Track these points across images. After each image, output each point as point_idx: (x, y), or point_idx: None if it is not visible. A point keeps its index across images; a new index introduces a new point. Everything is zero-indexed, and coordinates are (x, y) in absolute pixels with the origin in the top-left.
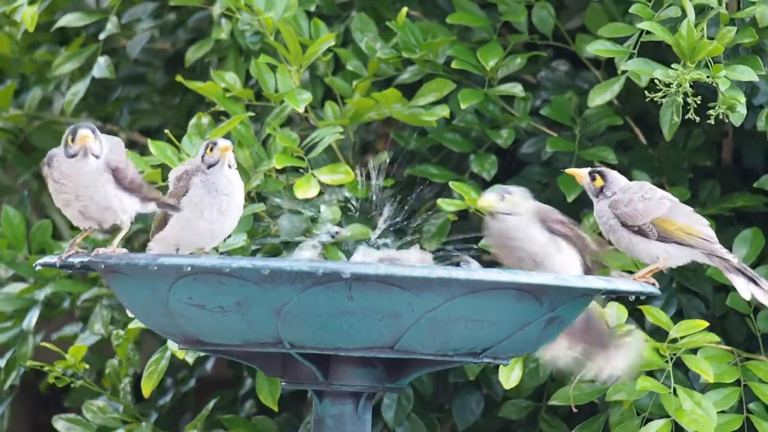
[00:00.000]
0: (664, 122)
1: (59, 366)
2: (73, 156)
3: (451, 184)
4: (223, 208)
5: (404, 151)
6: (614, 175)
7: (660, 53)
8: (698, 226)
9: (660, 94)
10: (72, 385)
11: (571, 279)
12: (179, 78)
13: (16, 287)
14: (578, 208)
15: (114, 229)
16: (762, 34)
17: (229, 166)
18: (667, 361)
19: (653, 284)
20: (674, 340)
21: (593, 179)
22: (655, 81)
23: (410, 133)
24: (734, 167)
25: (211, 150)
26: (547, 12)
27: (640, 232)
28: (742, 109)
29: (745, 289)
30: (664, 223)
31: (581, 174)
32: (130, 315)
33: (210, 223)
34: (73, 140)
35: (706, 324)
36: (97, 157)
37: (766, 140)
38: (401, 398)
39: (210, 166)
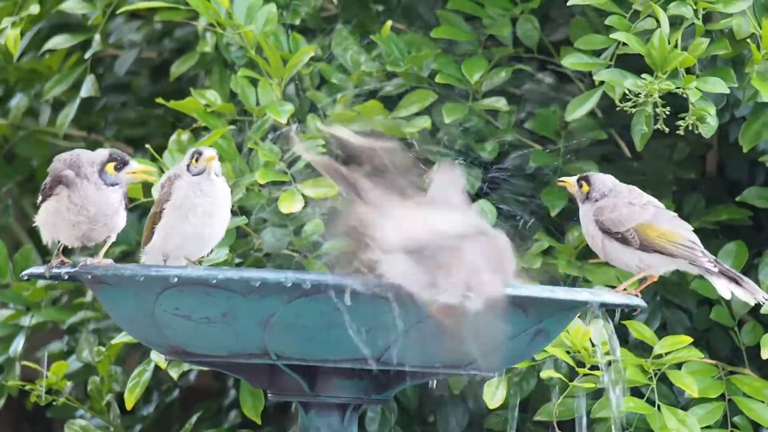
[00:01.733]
0: (635, 132)
1: (41, 384)
2: (197, 174)
3: None
4: (208, 210)
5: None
6: (600, 179)
7: (640, 66)
8: (681, 231)
9: (629, 104)
10: (54, 403)
11: (558, 291)
12: (159, 100)
13: (1, 314)
14: (564, 220)
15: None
16: (739, 47)
17: (216, 175)
18: (651, 378)
19: (637, 295)
20: (659, 356)
21: (580, 186)
22: (627, 92)
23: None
24: (719, 179)
25: (197, 160)
26: (532, 25)
27: (623, 239)
28: (712, 121)
29: (725, 289)
30: (646, 230)
31: (571, 182)
32: (116, 335)
33: (195, 227)
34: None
35: (690, 339)
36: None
37: (751, 152)
38: (385, 411)
39: (195, 176)
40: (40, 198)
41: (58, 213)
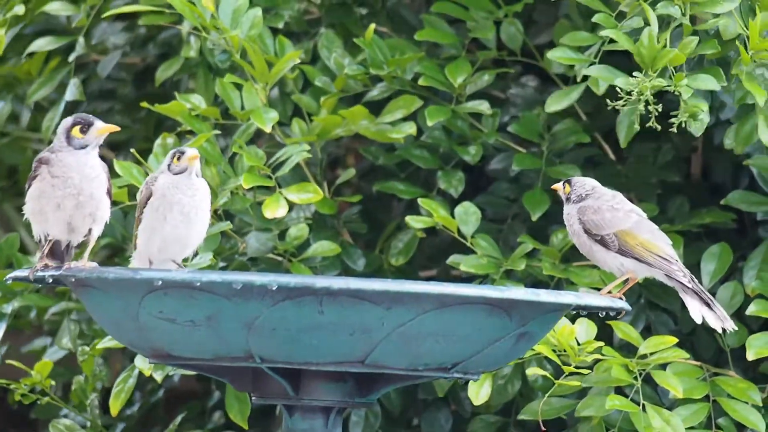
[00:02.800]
0: (621, 129)
1: (26, 383)
2: (178, 173)
3: (419, 201)
4: (186, 210)
5: (372, 166)
6: (579, 181)
7: (624, 65)
8: (660, 243)
9: (621, 102)
10: (38, 402)
11: (542, 294)
12: (144, 104)
13: None
14: (546, 224)
15: (77, 245)
16: (726, 47)
17: (197, 175)
18: (636, 378)
19: (620, 298)
20: (643, 356)
21: (564, 188)
22: (617, 89)
23: (378, 149)
24: (703, 182)
25: (179, 159)
26: (516, 28)
27: (602, 241)
28: (705, 117)
29: (697, 313)
30: (626, 237)
31: (559, 186)
32: (99, 329)
33: (174, 227)
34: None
35: (675, 340)
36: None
37: (735, 155)
38: (369, 415)
39: (177, 174)
40: (26, 187)
41: (42, 194)
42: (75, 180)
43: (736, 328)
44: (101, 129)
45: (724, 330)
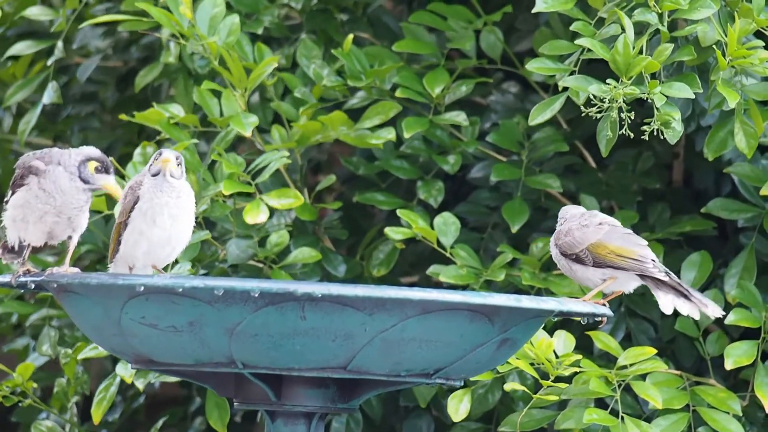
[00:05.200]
0: (601, 138)
1: (7, 385)
2: (155, 175)
3: (398, 212)
4: (174, 212)
5: (353, 173)
6: (562, 211)
7: (606, 73)
8: (632, 246)
9: (595, 109)
10: (20, 404)
11: (524, 300)
12: (123, 116)
13: None
14: (526, 234)
15: (52, 246)
16: (704, 54)
17: (174, 177)
18: (614, 389)
19: (604, 305)
20: (623, 367)
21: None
22: (592, 97)
23: (359, 159)
24: (685, 189)
25: (156, 160)
26: (495, 37)
27: (578, 259)
28: (678, 126)
29: (668, 304)
30: (597, 248)
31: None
32: (80, 335)
33: (164, 229)
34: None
35: (655, 351)
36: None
37: (718, 162)
38: (350, 421)
39: (154, 176)
40: (9, 193)
41: (27, 204)
42: (58, 201)
43: (723, 313)
44: (107, 185)
45: (705, 335)
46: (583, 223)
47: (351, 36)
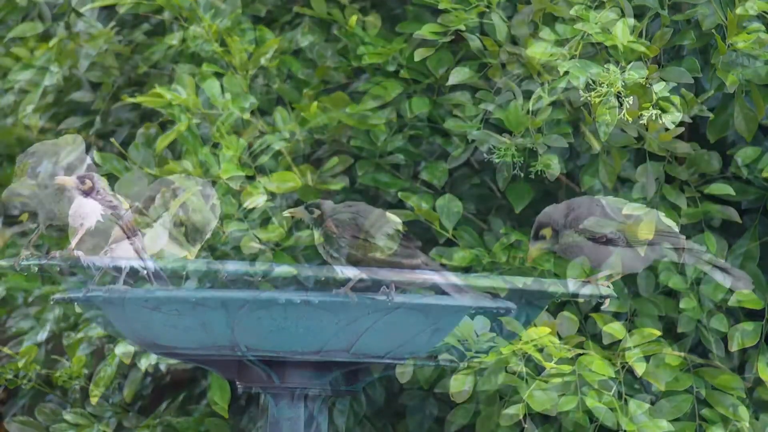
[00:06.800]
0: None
1: (11, 368)
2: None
3: (400, 195)
4: None
5: (357, 156)
6: (570, 203)
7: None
8: (666, 220)
9: (594, 93)
10: (23, 386)
11: (528, 282)
12: (125, 98)
13: None
14: (529, 216)
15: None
16: (705, 38)
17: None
18: (617, 371)
19: (608, 286)
20: (627, 349)
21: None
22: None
23: (364, 139)
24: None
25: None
26: (500, 18)
27: (609, 241)
28: (677, 112)
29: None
30: (631, 228)
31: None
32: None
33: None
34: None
35: (659, 333)
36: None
37: (723, 146)
38: (353, 404)
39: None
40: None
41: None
42: None
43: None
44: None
45: (709, 316)
46: (601, 206)
47: (355, 16)
